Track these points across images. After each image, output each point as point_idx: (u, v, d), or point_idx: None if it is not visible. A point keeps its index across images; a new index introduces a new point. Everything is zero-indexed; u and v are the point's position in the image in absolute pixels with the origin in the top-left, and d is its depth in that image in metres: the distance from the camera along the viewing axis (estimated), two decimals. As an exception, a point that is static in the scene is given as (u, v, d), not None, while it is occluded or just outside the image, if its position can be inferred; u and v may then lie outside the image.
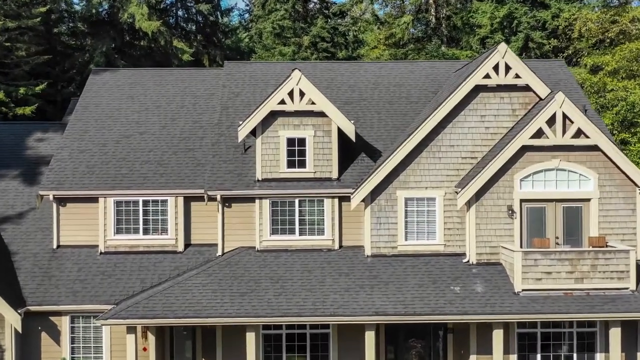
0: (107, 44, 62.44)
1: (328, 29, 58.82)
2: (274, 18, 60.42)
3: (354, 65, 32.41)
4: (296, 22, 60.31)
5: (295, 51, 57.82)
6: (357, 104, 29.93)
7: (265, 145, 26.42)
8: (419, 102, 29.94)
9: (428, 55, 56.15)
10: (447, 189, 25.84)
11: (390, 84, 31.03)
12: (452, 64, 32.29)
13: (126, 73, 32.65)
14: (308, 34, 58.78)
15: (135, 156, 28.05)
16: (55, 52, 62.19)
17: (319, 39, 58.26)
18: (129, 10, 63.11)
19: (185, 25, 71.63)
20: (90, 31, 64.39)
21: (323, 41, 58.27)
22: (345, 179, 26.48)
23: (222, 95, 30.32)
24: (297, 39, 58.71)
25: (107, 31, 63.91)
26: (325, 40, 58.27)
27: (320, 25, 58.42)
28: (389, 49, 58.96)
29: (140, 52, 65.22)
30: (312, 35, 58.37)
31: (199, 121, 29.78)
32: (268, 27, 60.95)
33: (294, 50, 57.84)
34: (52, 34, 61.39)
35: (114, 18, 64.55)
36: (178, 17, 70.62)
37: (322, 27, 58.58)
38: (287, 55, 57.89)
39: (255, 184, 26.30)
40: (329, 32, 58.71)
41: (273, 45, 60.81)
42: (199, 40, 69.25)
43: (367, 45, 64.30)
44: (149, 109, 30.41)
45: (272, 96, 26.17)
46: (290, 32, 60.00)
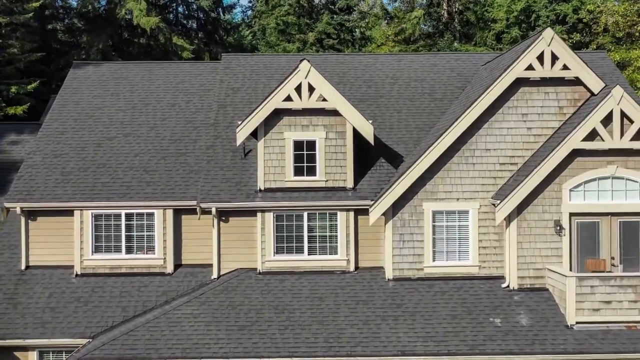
0: (103, 41, 57.90)
1: (334, 25, 54.32)
2: (277, 14, 55.92)
3: (369, 57, 27.79)
4: (301, 17, 55.75)
5: (300, 48, 53.39)
6: (373, 101, 25.30)
7: (269, 149, 21.81)
8: (444, 99, 25.31)
9: (440, 52, 51.57)
10: (483, 200, 21.22)
11: (410, 78, 26.39)
12: (479, 57, 27.66)
13: (111, 67, 28.05)
14: (313, 30, 54.27)
15: (118, 162, 23.45)
16: (49, 50, 57.66)
17: (325, 36, 53.81)
18: (127, 6, 58.56)
19: (185, 22, 67.00)
20: (86, 28, 59.87)
21: (329, 38, 53.81)
22: (362, 189, 21.87)
23: (220, 91, 25.71)
24: (302, 36, 54.16)
25: (104, 28, 59.37)
26: (331, 36, 53.79)
27: (326, 21, 53.97)
28: (398, 46, 54.35)
29: (138, 49, 60.61)
30: (318, 31, 53.88)
31: (193, 121, 25.18)
32: (272, 23, 56.41)
33: (298, 47, 53.42)
34: (46, 30, 56.85)
35: (112, 14, 60.01)
36: (178, 13, 66.00)
37: (328, 22, 54.15)
38: (291, 52, 53.41)
39: (256, 195, 21.70)
40: (335, 28, 54.21)
41: (277, 42, 56.24)
42: (200, 38, 64.65)
43: (374, 42, 59.66)
44: (135, 108, 25.80)
45: (277, 92, 21.56)
46: (294, 28, 55.51)
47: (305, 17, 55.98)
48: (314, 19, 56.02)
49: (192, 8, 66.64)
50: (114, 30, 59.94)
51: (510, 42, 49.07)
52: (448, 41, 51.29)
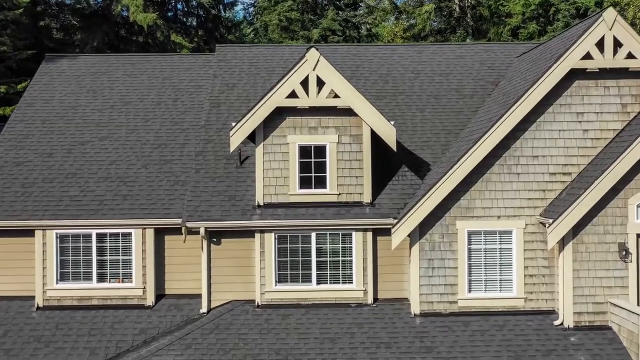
0: (98, 39, 53.55)
1: (340, 21, 49.99)
2: (280, 9, 51.57)
3: (385, 48, 23.40)
4: (305, 13, 51.37)
5: (304, 45, 48.85)
6: (392, 98, 20.97)
7: (269, 155, 17.48)
8: (474, 96, 20.99)
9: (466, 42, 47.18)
10: (529, 218, 16.89)
11: (433, 72, 22.05)
12: (512, 47, 23.30)
13: (89, 60, 23.71)
14: (318, 26, 49.94)
15: (91, 171, 19.14)
16: (41, 48, 53.31)
17: (330, 32, 49.46)
18: (123, 2, 54.21)
19: (185, 19, 62.63)
20: (80, 25, 55.54)
21: (334, 34, 49.43)
22: (382, 204, 17.53)
23: (213, 87, 21.39)
24: (306, 32, 49.75)
25: (99, 25, 55.00)
26: (337, 33, 49.43)
27: (331, 17, 49.63)
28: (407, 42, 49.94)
29: (135, 47, 56.26)
30: (322, 28, 49.53)
31: (181, 122, 20.86)
32: (274, 20, 51.95)
33: (302, 45, 48.87)
34: (38, 27, 52.46)
35: (107, 10, 55.68)
36: (177, 10, 61.60)
37: (333, 19, 49.80)
38: (295, 46, 49.07)
39: (254, 212, 17.37)
40: (340, 24, 49.88)
41: (279, 40, 51.85)
42: (199, 36, 60.27)
43: (382, 38, 55.29)
44: (114, 107, 21.48)
45: (279, 86, 17.24)
46: (298, 24, 51.15)
47: (309, 13, 51.67)
48: (319, 15, 51.72)
49: (191, 5, 62.26)
50: (109, 28, 55.57)
51: (527, 37, 44.66)
52: (460, 37, 46.86)
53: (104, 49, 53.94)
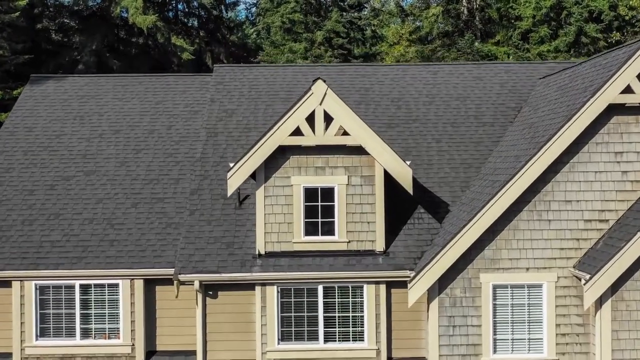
0: (97, 41, 51.41)
1: (344, 23, 47.79)
2: (283, 11, 49.34)
3: (397, 69, 21.24)
4: (308, 15, 49.15)
5: (308, 48, 46.88)
6: (405, 126, 18.86)
7: (271, 199, 15.42)
8: (494, 124, 18.89)
9: (460, 52, 45.01)
10: (561, 270, 14.83)
11: (449, 96, 19.94)
12: (534, 68, 21.17)
13: (77, 82, 21.58)
14: (321, 28, 47.77)
15: (76, 211, 17.10)
16: (39, 51, 51.21)
17: (334, 34, 47.31)
18: (122, 4, 52.02)
19: (186, 20, 60.39)
20: (79, 27, 53.37)
21: (338, 37, 47.29)
22: (397, 253, 15.47)
23: (210, 114, 19.30)
24: (310, 35, 47.59)
25: (98, 27, 52.85)
26: (341, 35, 47.28)
27: (335, 19, 47.45)
28: (413, 46, 47.77)
29: (135, 49, 54.13)
30: (326, 30, 47.37)
31: (175, 154, 18.78)
32: (277, 22, 49.69)
33: (305, 47, 46.91)
34: (35, 30, 50.33)
35: (106, 12, 53.50)
36: (178, 11, 59.37)
37: (337, 20, 47.61)
38: (298, 52, 47.12)
39: (254, 262, 15.33)
40: (344, 26, 47.69)
41: (282, 42, 49.69)
42: (201, 37, 58.08)
43: (387, 41, 53.01)
44: (103, 136, 19.40)
45: (282, 122, 15.16)
46: (301, 26, 48.98)
47: (313, 14, 49.47)
48: (323, 16, 49.55)
49: (192, 5, 60.03)
50: (108, 30, 53.41)
51: (539, 41, 42.53)
52: (469, 41, 44.65)
53: (104, 51, 51.85)
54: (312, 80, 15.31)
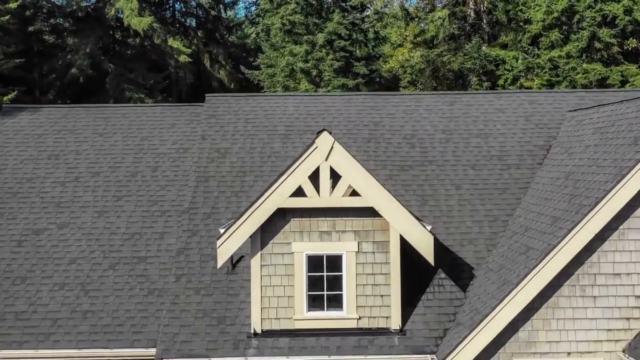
0: (92, 44, 48.78)
1: (346, 25, 45.13)
2: (283, 12, 46.58)
3: (409, 98, 18.63)
4: (309, 16, 46.47)
5: (309, 51, 44.24)
6: (420, 169, 16.34)
7: (269, 268, 12.95)
8: (521, 166, 16.39)
9: (466, 57, 42.44)
10: (609, 354, 12.40)
11: (469, 132, 17.41)
12: (562, 97, 18.58)
13: (53, 114, 18.99)
14: (323, 30, 45.10)
15: (45, 273, 14.70)
16: (31, 54, 48.63)
17: (335, 36, 44.66)
18: (117, 5, 49.36)
19: (183, 20, 57.66)
20: (73, 28, 50.71)
21: (340, 39, 44.66)
22: (415, 331, 13.02)
23: (201, 154, 16.78)
24: (310, 37, 44.94)
25: (92, 28, 50.20)
26: (343, 37, 44.65)
27: (337, 21, 44.77)
28: (418, 49, 45.14)
29: (131, 51, 51.49)
30: (328, 32, 44.70)
31: (161, 201, 16.30)
32: (277, 23, 46.99)
33: (306, 50, 44.23)
34: (27, 33, 47.68)
35: (100, 13, 50.83)
36: (175, 11, 56.62)
37: (339, 22, 44.93)
38: (298, 55, 44.41)
39: (249, 343, 12.88)
40: (347, 28, 45.05)
41: (282, 44, 47.04)
42: (199, 37, 55.41)
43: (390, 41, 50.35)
44: (80, 179, 16.91)
45: (281, 181, 12.68)
46: (302, 28, 46.31)
47: (314, 16, 46.80)
48: (324, 18, 46.88)
49: (190, 5, 57.30)
50: (103, 31, 50.77)
51: (549, 46, 39.92)
52: (476, 45, 42.05)
53: (98, 54, 49.23)
54: (316, 132, 12.81)
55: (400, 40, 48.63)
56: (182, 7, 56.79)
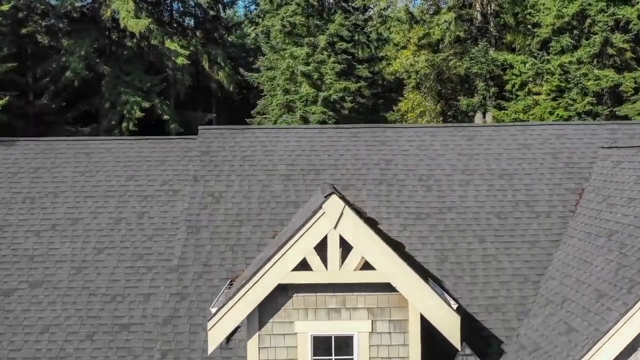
0: (87, 45, 46.58)
1: (348, 27, 43.06)
2: (283, 14, 44.46)
3: (423, 131, 16.41)
4: (310, 18, 44.37)
5: (310, 53, 42.21)
6: (438, 217, 14.31)
7: (269, 351, 10.98)
8: (551, 214, 14.40)
9: (473, 61, 40.29)
10: None
11: (491, 171, 15.36)
12: (592, 130, 16.46)
13: (29, 149, 16.80)
14: (324, 32, 43.03)
15: (13, 345, 12.70)
16: (24, 57, 46.45)
17: (337, 38, 42.61)
18: (113, 6, 47.16)
19: (181, 20, 55.45)
20: (68, 29, 48.53)
21: (342, 41, 42.61)
22: None
23: (192, 198, 14.74)
24: (312, 39, 42.88)
25: (88, 30, 48.04)
26: (345, 39, 42.62)
27: (339, 22, 42.72)
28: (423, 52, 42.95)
29: (128, 53, 49.29)
30: (329, 34, 42.64)
31: (147, 255, 14.26)
32: (277, 25, 44.88)
33: (307, 53, 42.19)
34: (20, 35, 45.47)
35: (96, 14, 48.64)
36: (173, 10, 54.40)
37: (341, 24, 42.89)
38: (299, 57, 42.37)
39: None
40: (349, 29, 42.99)
41: (283, 47, 44.97)
42: (197, 38, 53.20)
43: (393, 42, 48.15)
44: (57, 227, 14.89)
45: (282, 252, 10.64)
46: (303, 29, 44.21)
47: (316, 17, 44.72)
48: (326, 19, 44.80)
49: (188, 4, 55.06)
50: (99, 32, 48.58)
51: (559, 51, 37.77)
52: (483, 49, 39.88)
53: (93, 57, 47.07)
54: (324, 196, 10.71)
55: (404, 42, 46.43)
56: (179, 7, 54.59)
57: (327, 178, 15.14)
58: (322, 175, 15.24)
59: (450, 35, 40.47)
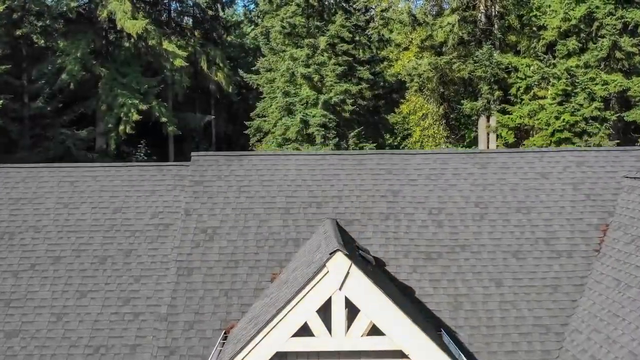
0: (83, 46, 45.16)
1: (349, 28, 41.63)
2: (283, 15, 42.97)
3: (433, 158, 15.05)
4: (310, 19, 42.92)
5: (310, 55, 40.81)
6: (450, 257, 13.05)
7: None
8: (573, 254, 13.15)
9: (477, 64, 38.94)
10: None
11: (507, 205, 14.05)
12: (615, 157, 15.12)
13: (11, 176, 15.26)
14: (325, 33, 41.60)
15: (-14, 405, 11.28)
16: (19, 59, 45.07)
17: (338, 40, 41.19)
18: (109, 7, 45.71)
19: (179, 20, 53.97)
20: (64, 30, 47.09)
21: (343, 42, 41.18)
22: None
23: (184, 235, 13.44)
24: (312, 40, 41.48)
25: (84, 31, 46.60)
26: (345, 40, 41.19)
27: (340, 23, 41.27)
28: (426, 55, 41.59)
29: (125, 54, 47.84)
30: (330, 35, 41.23)
31: (133, 299, 12.94)
32: (277, 26, 43.45)
33: (308, 54, 40.79)
34: (15, 37, 44.06)
35: (92, 15, 47.21)
36: (171, 10, 52.89)
37: (342, 25, 41.43)
38: (299, 59, 41.00)
39: None
40: (350, 31, 41.56)
41: (282, 48, 43.58)
42: (196, 38, 51.74)
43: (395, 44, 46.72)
44: (37, 266, 13.51)
45: (280, 317, 9.31)
46: (303, 31, 42.76)
47: (316, 18, 43.29)
48: (326, 20, 43.39)
49: (187, 4, 53.55)
50: (96, 33, 47.15)
51: (566, 55, 36.41)
52: (487, 52, 38.49)
53: (89, 59, 45.65)
54: (328, 256, 9.38)
55: (406, 43, 45.04)
56: (177, 7, 53.07)
57: (330, 212, 13.83)
58: (325, 208, 13.93)
59: (454, 38, 39.08)
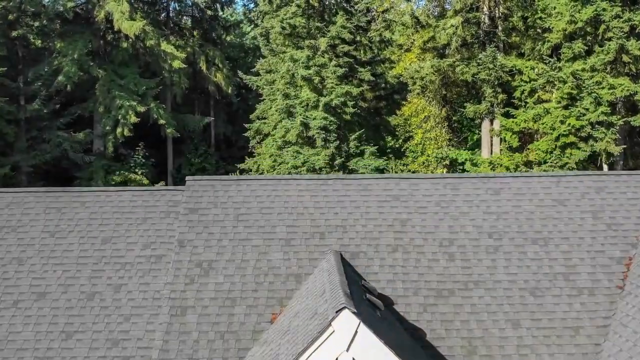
0: (80, 47, 44.08)
1: (350, 29, 40.59)
2: (283, 15, 41.91)
3: (442, 183, 14.06)
4: (311, 19, 41.85)
5: (310, 56, 39.81)
6: (463, 295, 12.06)
7: None
8: (596, 292, 12.18)
9: (480, 66, 37.89)
10: None
11: (523, 235, 13.06)
12: (637, 182, 14.07)
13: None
14: (325, 34, 40.56)
15: None
16: (15, 60, 44.03)
17: (339, 41, 40.16)
18: (107, 7, 44.60)
19: (178, 20, 52.83)
20: (60, 30, 45.99)
21: (344, 43, 40.15)
22: None
23: (177, 269, 12.45)
24: (312, 41, 40.44)
25: (81, 31, 45.52)
26: (346, 41, 40.16)
27: (341, 24, 40.22)
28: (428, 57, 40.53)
29: (123, 55, 46.72)
30: (331, 36, 40.20)
31: (122, 342, 11.92)
32: (277, 27, 42.40)
33: (308, 56, 39.78)
34: (11, 38, 42.98)
35: (90, 15, 46.11)
36: (169, 10, 51.75)
37: (343, 26, 40.39)
38: (299, 60, 40.00)
39: None
40: (351, 31, 40.52)
41: (282, 49, 42.54)
42: (195, 38, 50.63)
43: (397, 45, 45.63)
44: (20, 303, 12.45)
45: (280, 381, 8.26)
46: (303, 31, 41.71)
47: (316, 19, 42.21)
48: (327, 21, 42.33)
49: (185, 4, 52.42)
50: (93, 34, 46.05)
51: (571, 58, 35.37)
52: (491, 55, 37.42)
53: (86, 60, 44.56)
54: (334, 315, 8.37)
55: (408, 44, 43.98)
56: (176, 7, 51.93)
57: (334, 243, 12.83)
58: (328, 239, 12.92)
59: (457, 40, 38.01)
